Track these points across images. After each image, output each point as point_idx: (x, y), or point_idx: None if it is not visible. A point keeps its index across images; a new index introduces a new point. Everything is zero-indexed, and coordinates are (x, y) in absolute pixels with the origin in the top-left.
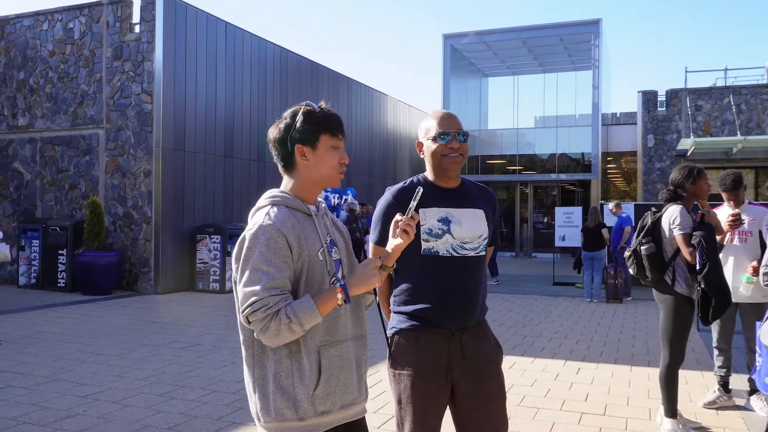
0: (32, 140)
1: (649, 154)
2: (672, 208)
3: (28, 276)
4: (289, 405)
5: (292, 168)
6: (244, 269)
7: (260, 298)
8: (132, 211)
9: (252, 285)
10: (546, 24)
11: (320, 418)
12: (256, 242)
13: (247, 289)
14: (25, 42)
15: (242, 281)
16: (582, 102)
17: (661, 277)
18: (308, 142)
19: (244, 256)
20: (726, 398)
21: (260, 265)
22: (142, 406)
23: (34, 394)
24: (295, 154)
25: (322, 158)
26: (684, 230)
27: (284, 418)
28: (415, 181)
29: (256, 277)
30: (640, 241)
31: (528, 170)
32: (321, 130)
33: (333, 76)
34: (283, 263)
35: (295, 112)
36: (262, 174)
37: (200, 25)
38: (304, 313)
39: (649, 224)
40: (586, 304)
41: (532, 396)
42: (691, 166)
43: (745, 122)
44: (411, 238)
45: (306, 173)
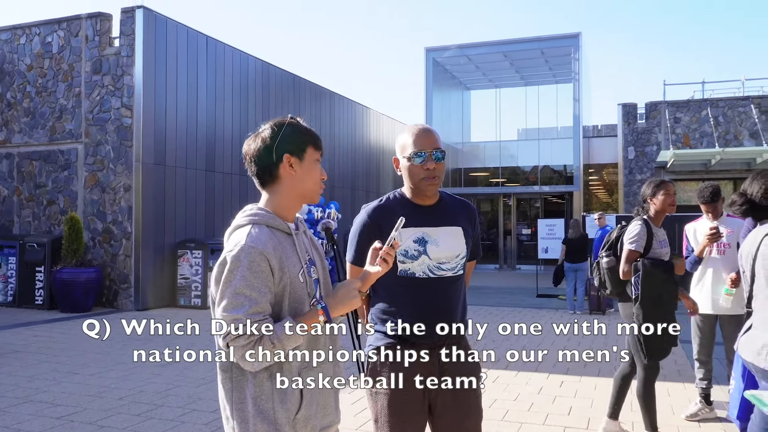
0: (9, 155)
1: (630, 166)
2: (633, 223)
3: (4, 294)
4: (270, 429)
5: (274, 181)
6: (224, 292)
7: (243, 324)
8: (112, 227)
9: (234, 310)
10: (527, 38)
11: None
12: (238, 265)
13: (227, 314)
14: (2, 56)
15: (222, 305)
16: (563, 114)
17: (623, 290)
18: (296, 152)
19: (225, 278)
20: (708, 410)
21: (242, 290)
22: (119, 426)
23: (6, 416)
24: (282, 165)
25: (308, 171)
26: (632, 245)
27: None
28: (392, 197)
29: (239, 302)
30: (602, 254)
31: (511, 182)
32: (308, 142)
33: (315, 90)
34: (265, 287)
35: (281, 122)
36: (244, 188)
37: (181, 39)
38: (286, 338)
39: (613, 238)
40: (570, 315)
41: (515, 410)
42: (656, 179)
43: (723, 134)
44: (389, 266)
45: (290, 186)
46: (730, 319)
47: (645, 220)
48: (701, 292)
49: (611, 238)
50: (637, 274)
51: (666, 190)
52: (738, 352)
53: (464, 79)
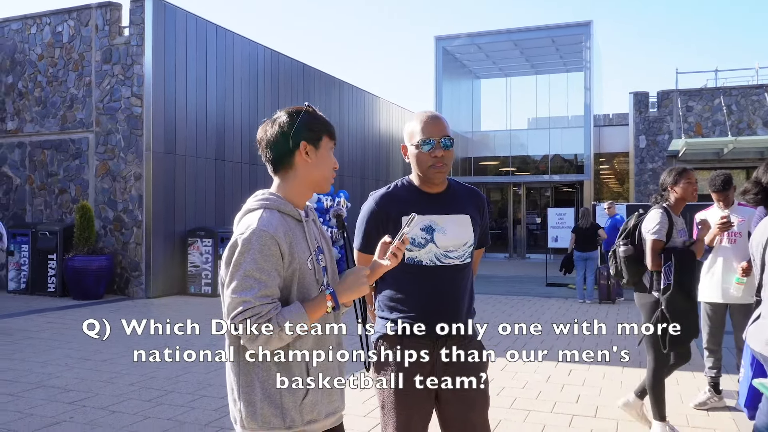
0: (21, 144)
1: (641, 155)
2: (653, 212)
3: (17, 281)
4: (277, 413)
5: (288, 168)
6: (234, 275)
7: (251, 306)
8: (122, 215)
9: (243, 293)
10: (537, 26)
11: (306, 426)
12: (249, 248)
13: (237, 296)
14: (14, 46)
15: (231, 287)
16: (574, 103)
17: (639, 280)
18: (313, 140)
19: (235, 261)
20: (717, 399)
21: (252, 272)
22: (130, 411)
23: (20, 401)
24: (298, 152)
25: (323, 159)
26: (655, 235)
27: (271, 427)
28: (399, 185)
29: (248, 285)
30: (620, 242)
31: (521, 172)
32: (324, 131)
33: (325, 79)
34: (275, 271)
35: (298, 110)
36: (254, 177)
37: (190, 28)
38: (294, 321)
39: (630, 226)
40: (579, 304)
41: (523, 398)
42: (678, 167)
43: (736, 123)
44: (399, 261)
45: (304, 173)
46: (741, 308)
47: (665, 208)
48: (711, 280)
49: (628, 226)
50: (668, 263)
51: (688, 178)
52: (746, 341)
53: (474, 67)
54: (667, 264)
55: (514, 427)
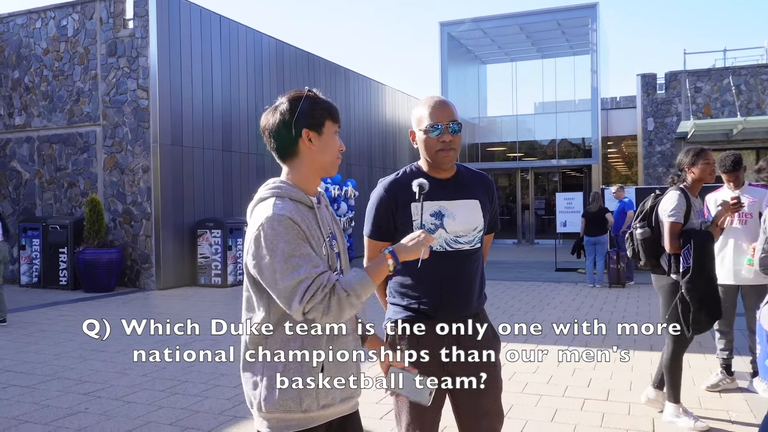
0: (29, 139)
1: (650, 137)
2: (670, 193)
3: (29, 275)
4: (294, 397)
5: (294, 156)
6: (275, 264)
7: (310, 280)
8: (131, 208)
9: (293, 273)
10: (543, 9)
11: (322, 411)
12: (276, 233)
13: (290, 280)
14: (19, 41)
15: (278, 275)
16: (581, 87)
17: (657, 263)
18: (315, 126)
19: (269, 251)
20: (729, 381)
21: (292, 252)
22: (144, 402)
23: (35, 393)
24: (301, 140)
25: (327, 144)
26: (672, 217)
27: (288, 410)
28: (408, 171)
29: (295, 264)
30: (636, 225)
31: (528, 157)
32: (326, 116)
33: (330, 67)
34: (308, 245)
35: (297, 96)
36: (261, 167)
37: (194, 19)
38: (359, 284)
39: (647, 208)
40: (589, 289)
41: (535, 383)
42: (695, 147)
43: (745, 103)
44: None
45: (310, 160)
46: (752, 290)
47: (682, 189)
48: (722, 262)
49: (645, 208)
50: (686, 246)
51: (706, 158)
52: (760, 322)
53: (480, 53)
54: (686, 247)
55: (527, 412)
